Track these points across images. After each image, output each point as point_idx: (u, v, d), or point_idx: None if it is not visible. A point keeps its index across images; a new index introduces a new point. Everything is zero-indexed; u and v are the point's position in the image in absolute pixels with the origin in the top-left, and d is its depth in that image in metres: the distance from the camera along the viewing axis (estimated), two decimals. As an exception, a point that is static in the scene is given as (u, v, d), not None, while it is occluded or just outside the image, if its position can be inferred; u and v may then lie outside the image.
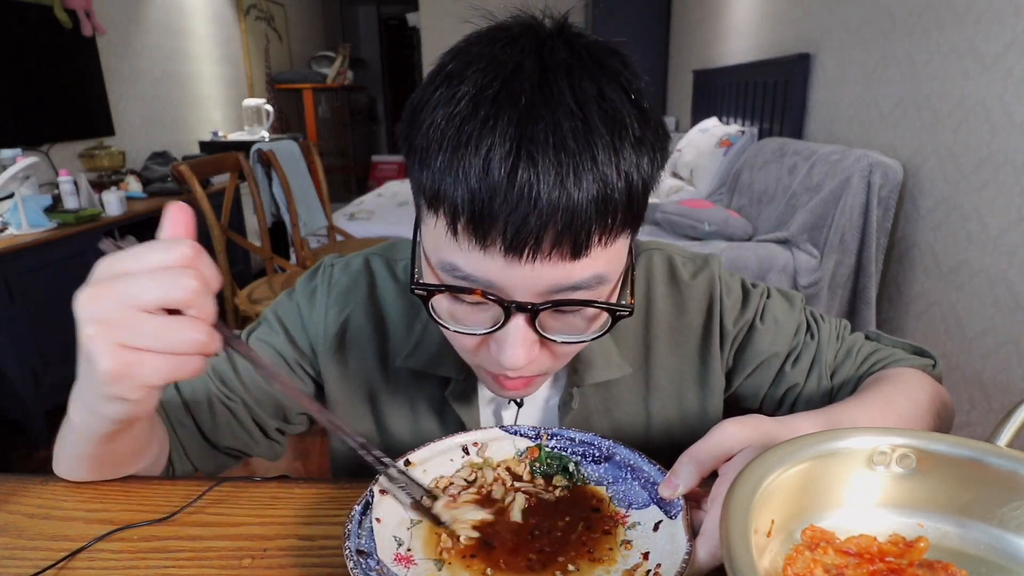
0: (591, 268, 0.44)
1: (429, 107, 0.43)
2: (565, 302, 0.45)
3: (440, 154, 0.41)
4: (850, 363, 0.67)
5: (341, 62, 5.77)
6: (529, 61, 0.42)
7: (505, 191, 0.39)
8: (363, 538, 0.43)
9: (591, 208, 0.41)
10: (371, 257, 0.68)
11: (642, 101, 0.44)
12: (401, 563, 0.43)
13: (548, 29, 0.45)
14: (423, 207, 0.46)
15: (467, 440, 0.54)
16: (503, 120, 0.40)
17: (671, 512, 0.45)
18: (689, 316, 0.66)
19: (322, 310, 0.65)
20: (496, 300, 0.44)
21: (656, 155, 0.44)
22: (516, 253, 0.41)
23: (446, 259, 0.44)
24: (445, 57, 0.46)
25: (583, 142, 0.40)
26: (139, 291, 0.36)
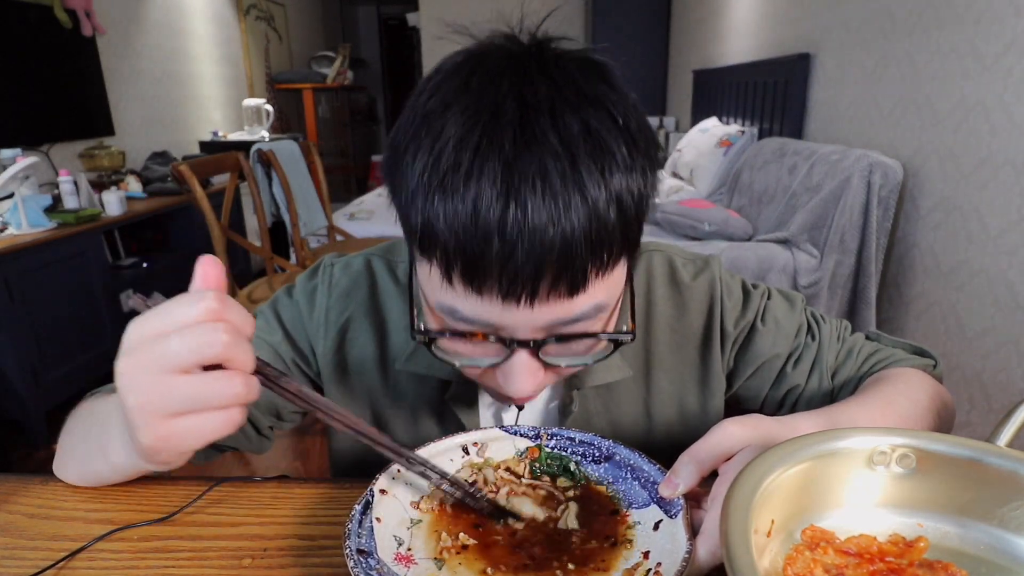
0: (590, 300, 0.44)
1: (411, 151, 0.42)
2: (567, 336, 0.45)
3: (427, 203, 0.41)
4: (851, 364, 0.67)
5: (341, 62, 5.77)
6: (509, 103, 0.40)
7: (497, 241, 0.39)
8: (363, 537, 0.43)
9: (584, 248, 0.40)
10: (372, 258, 0.67)
11: (630, 122, 0.43)
12: (401, 562, 0.43)
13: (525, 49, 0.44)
14: (415, 250, 0.45)
15: (467, 440, 0.54)
16: (488, 169, 0.39)
17: (671, 511, 0.45)
18: (690, 318, 0.66)
19: (322, 311, 0.65)
20: (498, 340, 0.45)
21: (648, 174, 0.44)
22: (513, 299, 0.41)
23: (444, 302, 0.45)
24: (422, 92, 0.44)
25: (571, 182, 0.39)
26: (171, 355, 0.36)
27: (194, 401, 0.36)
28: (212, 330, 0.36)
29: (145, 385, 0.36)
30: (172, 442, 0.37)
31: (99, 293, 2.58)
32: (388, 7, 7.56)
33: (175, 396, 0.36)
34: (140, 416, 0.37)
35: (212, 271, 0.38)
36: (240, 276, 3.63)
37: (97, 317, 2.58)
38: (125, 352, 0.37)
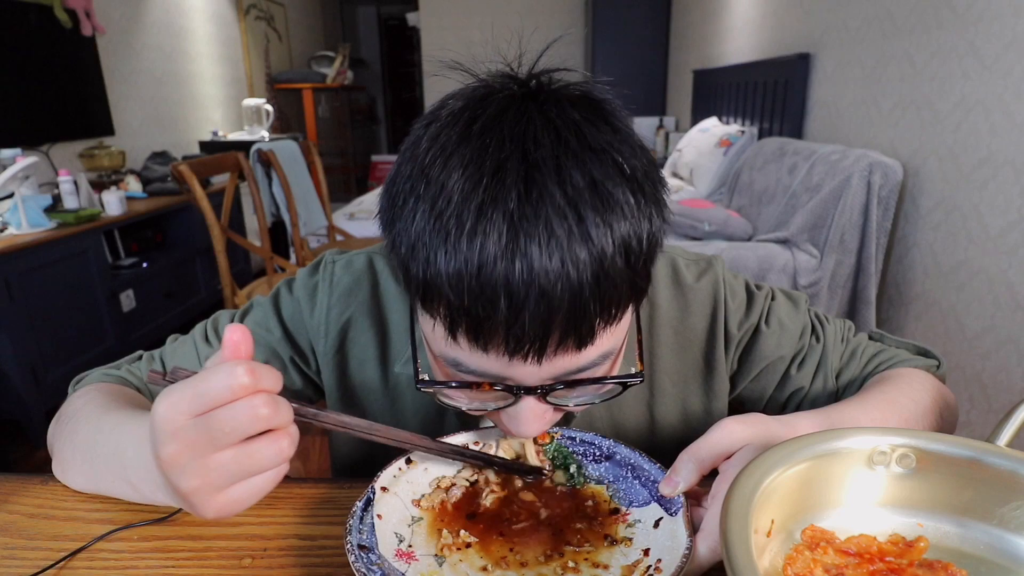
0: (598, 350, 0.44)
1: (410, 205, 0.41)
2: (574, 382, 0.45)
3: (429, 261, 0.40)
4: (855, 364, 0.67)
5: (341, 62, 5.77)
6: (513, 160, 0.39)
7: (503, 302, 0.38)
8: (364, 534, 0.44)
9: (593, 304, 0.39)
10: (374, 256, 0.67)
11: (636, 170, 0.41)
12: (402, 559, 0.44)
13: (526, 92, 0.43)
14: (416, 301, 0.45)
15: (468, 439, 0.54)
16: (493, 228, 0.38)
17: (671, 509, 0.45)
18: (693, 319, 0.65)
19: (324, 310, 0.65)
20: (504, 389, 0.44)
21: (655, 218, 0.42)
22: (520, 356, 0.41)
23: (448, 355, 0.44)
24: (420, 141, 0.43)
25: (577, 239, 0.38)
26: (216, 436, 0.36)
27: (245, 473, 0.37)
28: (252, 407, 0.36)
29: (197, 469, 0.37)
30: (233, 508, 0.38)
31: (99, 293, 2.58)
32: (388, 7, 7.56)
33: (226, 473, 0.37)
34: (198, 498, 0.38)
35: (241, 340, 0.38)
36: (240, 276, 3.63)
37: (97, 317, 2.58)
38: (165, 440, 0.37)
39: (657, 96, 4.92)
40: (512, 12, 5.19)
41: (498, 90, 0.43)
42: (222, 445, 0.36)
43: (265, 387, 0.37)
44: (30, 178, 2.34)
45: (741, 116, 3.30)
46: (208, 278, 3.42)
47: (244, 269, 3.83)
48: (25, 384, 2.19)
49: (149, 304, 2.94)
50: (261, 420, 0.36)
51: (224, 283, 2.24)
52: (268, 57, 5.39)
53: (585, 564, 0.43)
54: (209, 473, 0.37)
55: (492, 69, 0.45)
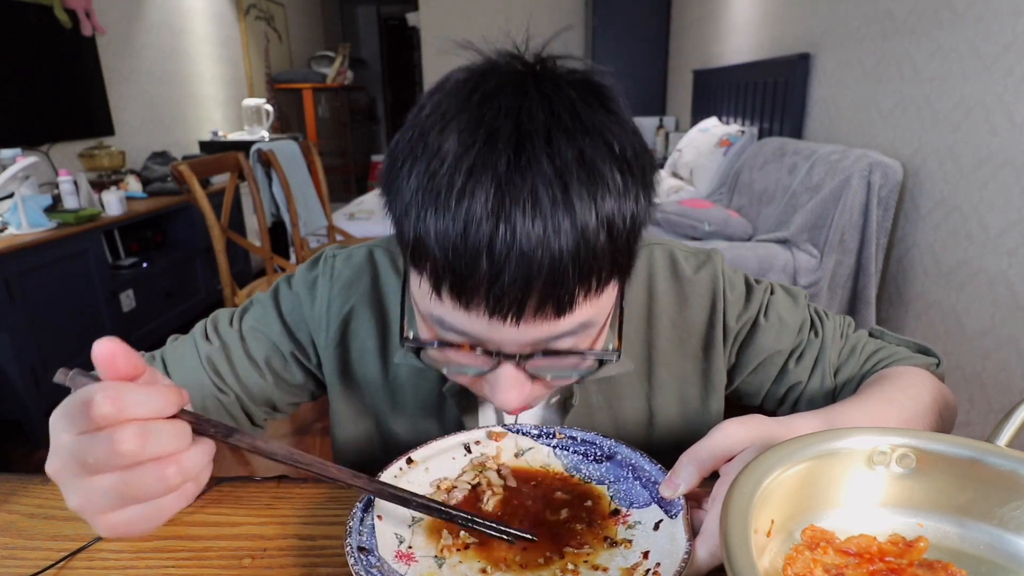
0: (577, 319, 0.44)
1: (407, 164, 0.43)
2: (553, 351, 0.46)
3: (420, 217, 0.41)
4: (853, 361, 0.66)
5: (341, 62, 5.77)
6: (506, 127, 0.40)
7: (485, 260, 0.39)
8: (364, 535, 0.43)
9: (573, 271, 0.40)
10: (375, 249, 0.67)
11: (626, 150, 0.43)
12: (402, 560, 0.43)
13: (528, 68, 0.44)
14: (407, 260, 0.46)
15: (469, 438, 0.54)
16: (481, 190, 0.39)
17: (671, 511, 0.45)
18: (691, 311, 0.65)
19: (324, 302, 0.65)
20: (484, 352, 0.45)
21: (642, 199, 0.44)
22: (500, 317, 0.42)
23: (433, 313, 0.45)
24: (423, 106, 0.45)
25: (561, 207, 0.39)
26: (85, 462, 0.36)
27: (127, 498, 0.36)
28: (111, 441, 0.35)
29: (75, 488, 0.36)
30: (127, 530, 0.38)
31: (99, 293, 2.58)
32: (388, 7, 7.56)
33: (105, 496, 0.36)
34: (84, 514, 0.37)
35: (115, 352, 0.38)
36: (240, 276, 3.63)
37: (97, 317, 2.58)
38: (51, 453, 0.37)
39: (657, 96, 4.92)
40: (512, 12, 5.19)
41: (502, 66, 0.45)
42: (98, 470, 0.35)
43: (136, 415, 0.36)
44: (30, 178, 2.34)
45: (741, 116, 3.30)
46: (208, 278, 3.42)
47: (244, 269, 3.84)
48: (25, 384, 2.19)
49: (149, 304, 2.94)
50: (123, 456, 0.35)
51: (224, 283, 2.24)
52: (268, 57, 5.39)
53: (584, 566, 0.43)
54: (89, 495, 0.36)
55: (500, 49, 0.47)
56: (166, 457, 0.37)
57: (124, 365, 0.38)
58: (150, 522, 0.38)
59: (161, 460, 0.37)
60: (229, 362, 0.64)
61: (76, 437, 0.36)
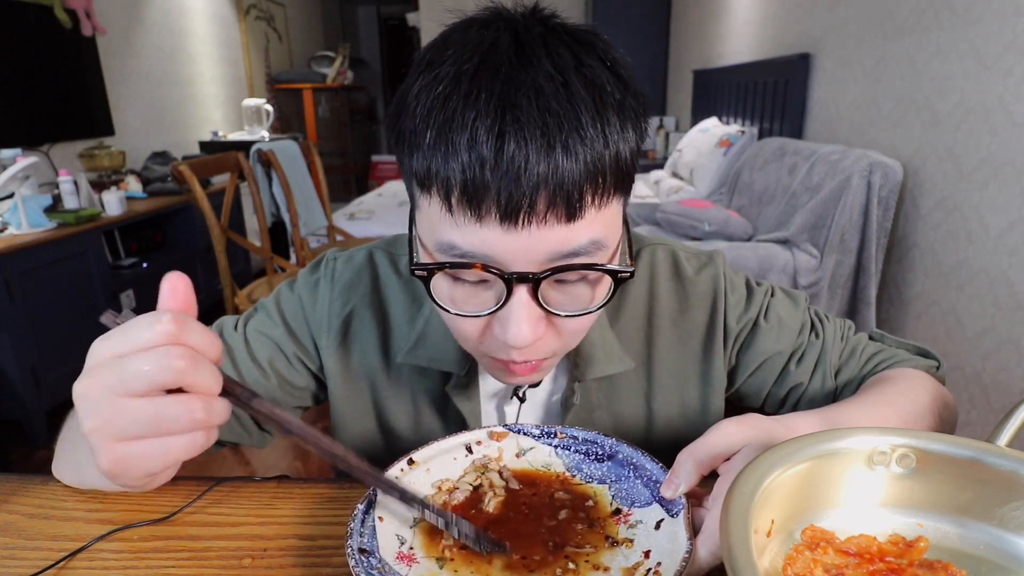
0: (587, 233, 0.44)
1: (412, 94, 0.44)
2: (565, 267, 0.45)
3: (428, 133, 0.42)
4: (854, 363, 0.67)
5: (341, 62, 5.77)
6: (504, 37, 0.43)
7: (495, 160, 0.40)
8: (365, 536, 0.43)
9: (581, 169, 0.41)
10: (374, 251, 0.67)
11: (619, 68, 0.45)
12: (403, 561, 0.43)
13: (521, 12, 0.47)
14: (416, 192, 0.46)
15: (471, 439, 0.54)
16: (485, 91, 0.41)
17: (672, 511, 0.45)
18: (693, 312, 0.66)
19: (325, 304, 0.65)
20: (497, 273, 0.44)
21: (639, 120, 0.45)
22: (512, 220, 0.42)
23: (443, 239, 0.45)
24: (424, 50, 0.47)
25: (566, 104, 0.41)
26: (127, 379, 0.35)
27: (150, 426, 0.36)
28: (169, 355, 0.35)
29: (101, 408, 0.36)
30: (129, 465, 0.37)
31: (99, 293, 2.58)
32: (388, 7, 7.56)
33: (130, 420, 0.36)
34: (96, 439, 0.37)
35: (180, 285, 0.38)
36: (240, 276, 3.63)
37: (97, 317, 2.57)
38: (84, 373, 0.37)
39: (657, 96, 4.92)
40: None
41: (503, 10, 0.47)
42: (131, 391, 0.35)
43: (190, 342, 0.36)
44: (30, 178, 2.34)
45: (741, 116, 3.30)
46: (208, 278, 3.42)
47: (244, 269, 3.84)
48: (25, 384, 2.19)
49: (149, 304, 2.94)
50: (172, 371, 0.35)
51: (224, 283, 2.24)
52: (268, 57, 5.39)
53: (586, 566, 0.43)
54: (113, 416, 0.36)
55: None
56: (200, 394, 0.37)
57: (184, 300, 0.38)
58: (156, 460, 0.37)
59: (194, 397, 0.36)
60: (234, 365, 0.64)
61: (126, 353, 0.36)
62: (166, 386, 0.36)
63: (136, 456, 0.37)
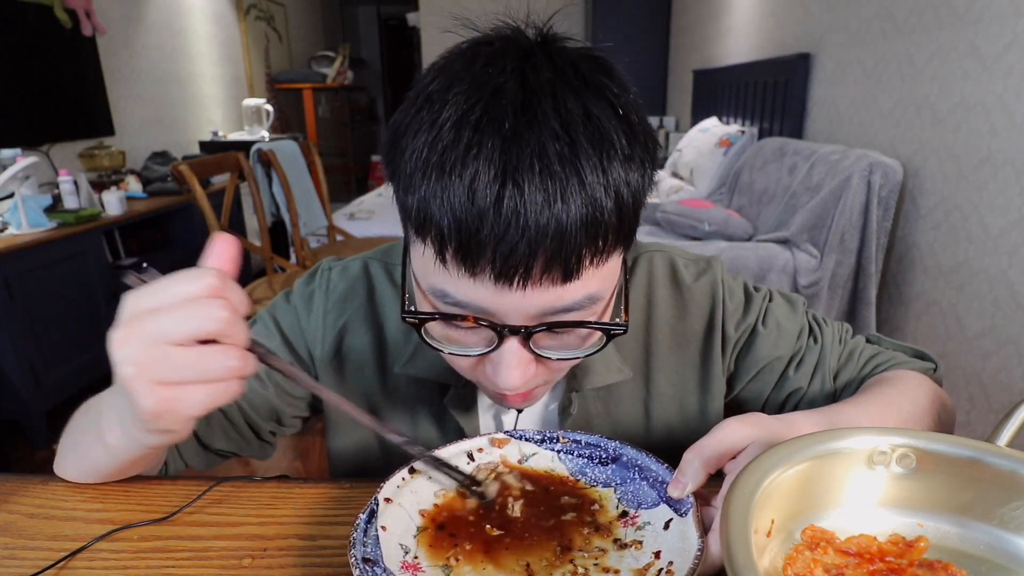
0: (583, 290, 0.43)
1: (411, 132, 0.42)
2: (558, 324, 0.45)
3: (424, 181, 0.40)
4: (852, 366, 0.67)
5: (341, 62, 5.77)
6: (511, 83, 0.40)
7: (492, 219, 0.39)
8: (368, 546, 0.43)
9: (580, 232, 0.40)
10: (369, 262, 0.67)
11: (630, 114, 0.43)
12: (408, 571, 0.43)
13: (530, 41, 0.45)
14: (410, 232, 0.45)
15: (472, 446, 0.54)
16: (487, 146, 0.39)
17: (681, 510, 0.45)
18: (691, 319, 0.65)
19: (320, 315, 0.65)
20: (488, 325, 0.44)
21: (646, 168, 0.43)
22: (506, 281, 0.41)
23: (436, 285, 0.44)
24: (426, 76, 0.45)
25: (569, 165, 0.39)
26: (171, 327, 0.36)
27: (192, 372, 0.37)
28: (212, 305, 0.36)
29: (141, 353, 0.36)
30: (173, 406, 0.37)
31: (99, 293, 2.58)
32: (388, 7, 7.56)
33: (172, 366, 0.36)
34: (137, 383, 0.37)
35: (228, 249, 0.39)
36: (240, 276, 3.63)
37: (97, 317, 2.58)
38: (121, 323, 0.37)
39: (657, 96, 4.91)
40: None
41: (506, 36, 0.45)
42: (173, 338, 0.36)
43: (231, 297, 0.37)
44: (30, 178, 2.34)
45: (741, 116, 3.30)
46: (208, 278, 3.42)
47: (244, 269, 3.83)
48: (25, 384, 2.19)
49: None
50: (218, 321, 0.36)
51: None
52: (268, 57, 5.39)
53: (595, 569, 0.43)
54: (155, 362, 0.36)
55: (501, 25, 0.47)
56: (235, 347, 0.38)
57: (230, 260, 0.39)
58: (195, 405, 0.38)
59: (231, 347, 0.37)
60: None
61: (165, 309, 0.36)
62: (207, 335, 0.37)
63: (178, 398, 0.37)
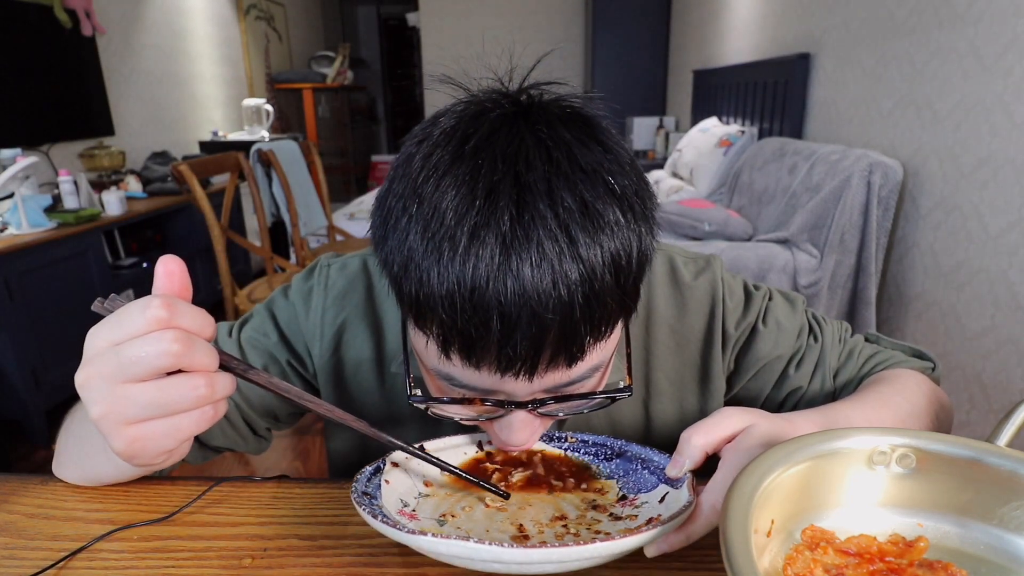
0: (587, 365, 0.45)
1: (401, 224, 0.41)
2: (564, 397, 0.46)
3: (422, 282, 0.40)
4: (851, 365, 0.67)
5: (341, 62, 5.77)
6: (506, 182, 0.39)
7: (495, 322, 0.39)
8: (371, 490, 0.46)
9: (584, 324, 0.40)
10: (368, 258, 0.67)
11: (627, 188, 0.42)
12: (403, 515, 0.45)
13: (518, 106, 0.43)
14: (408, 316, 0.45)
15: (483, 437, 0.55)
16: (486, 250, 0.38)
17: (676, 484, 0.47)
18: (690, 318, 0.65)
19: (319, 312, 0.65)
20: (495, 404, 0.46)
21: (644, 234, 0.43)
22: (511, 374, 0.42)
23: (440, 370, 0.45)
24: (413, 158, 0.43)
25: (569, 261, 0.39)
26: (125, 366, 0.36)
27: (157, 408, 0.37)
28: (162, 339, 0.36)
29: (104, 396, 0.36)
30: (144, 445, 0.37)
31: (99, 293, 2.54)
32: (388, 7, 7.56)
33: (136, 404, 0.36)
34: (106, 425, 0.37)
35: (174, 268, 0.38)
36: (240, 276, 3.63)
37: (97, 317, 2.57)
38: (83, 363, 0.37)
39: (657, 96, 4.91)
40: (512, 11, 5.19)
41: (490, 108, 0.43)
42: (132, 377, 0.36)
43: (181, 324, 0.36)
44: (30, 178, 2.34)
45: (741, 116, 3.30)
46: (208, 278, 3.42)
47: (244, 269, 3.83)
48: (25, 384, 2.19)
49: None
50: (169, 356, 0.36)
51: (224, 283, 2.24)
52: (268, 57, 5.39)
53: (587, 532, 0.45)
54: (117, 401, 0.36)
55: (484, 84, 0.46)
56: (200, 371, 0.37)
57: (179, 284, 0.38)
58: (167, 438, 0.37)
59: (195, 376, 0.37)
60: None
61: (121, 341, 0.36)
62: (164, 370, 0.36)
63: (148, 436, 0.37)
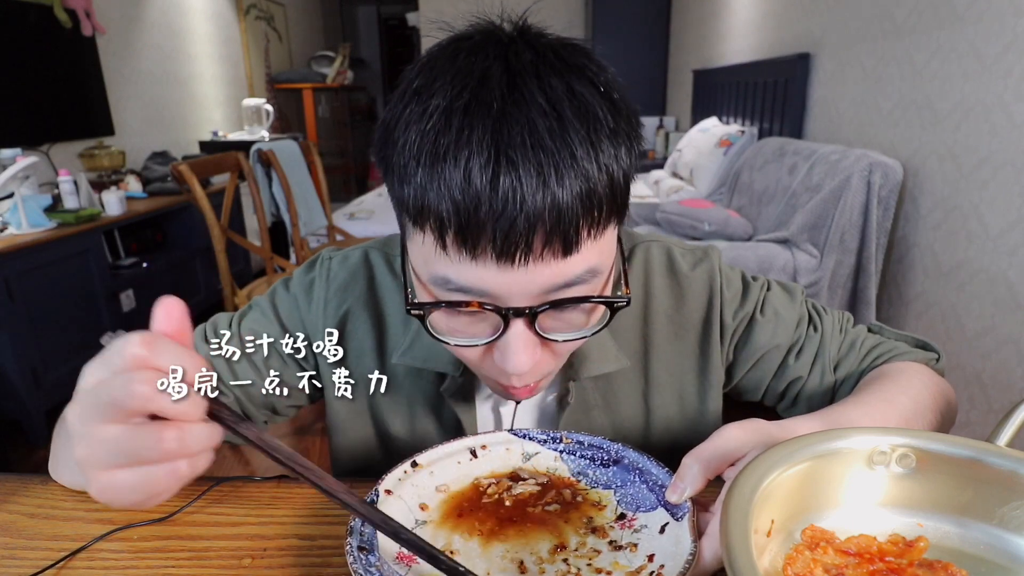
0: (583, 263, 0.44)
1: (401, 125, 0.43)
2: (562, 301, 0.45)
3: (419, 170, 0.41)
4: (853, 356, 0.66)
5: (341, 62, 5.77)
6: (496, 67, 0.42)
7: (489, 198, 0.40)
8: (366, 535, 0.43)
9: (576, 204, 0.41)
10: (370, 251, 0.67)
11: (612, 92, 0.44)
12: (403, 561, 0.43)
13: (508, 33, 0.46)
14: (408, 224, 0.46)
15: (475, 443, 0.54)
16: (478, 129, 0.40)
17: (677, 514, 0.45)
18: (688, 308, 0.65)
19: (320, 304, 0.65)
20: (493, 309, 0.44)
21: (632, 144, 0.45)
22: (507, 258, 0.41)
23: (437, 273, 0.45)
24: (410, 73, 0.45)
25: (560, 139, 0.40)
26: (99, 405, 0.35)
27: (124, 455, 0.35)
28: (130, 380, 0.34)
29: (82, 435, 0.36)
30: (113, 496, 0.37)
31: (99, 293, 2.58)
32: (388, 7, 7.56)
33: (107, 449, 0.35)
34: (83, 468, 0.37)
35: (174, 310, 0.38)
36: (240, 276, 3.63)
37: (97, 317, 2.58)
38: (74, 399, 0.37)
39: (657, 96, 4.91)
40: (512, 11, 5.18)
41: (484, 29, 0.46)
42: (108, 418, 0.35)
43: (160, 364, 0.35)
44: (30, 178, 2.34)
45: (741, 116, 3.30)
46: (208, 278, 3.42)
47: (244, 269, 3.83)
48: (25, 384, 2.19)
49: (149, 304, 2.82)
50: (136, 398, 0.34)
51: (224, 283, 2.24)
52: (268, 57, 5.38)
53: (588, 569, 0.43)
54: (93, 444, 0.35)
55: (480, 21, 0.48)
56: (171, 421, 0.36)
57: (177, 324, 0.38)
58: (137, 492, 0.36)
59: (167, 426, 0.35)
60: (228, 364, 0.64)
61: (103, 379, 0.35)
62: (134, 412, 0.35)
63: (117, 486, 0.36)
